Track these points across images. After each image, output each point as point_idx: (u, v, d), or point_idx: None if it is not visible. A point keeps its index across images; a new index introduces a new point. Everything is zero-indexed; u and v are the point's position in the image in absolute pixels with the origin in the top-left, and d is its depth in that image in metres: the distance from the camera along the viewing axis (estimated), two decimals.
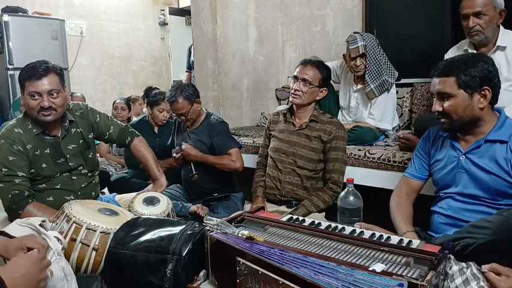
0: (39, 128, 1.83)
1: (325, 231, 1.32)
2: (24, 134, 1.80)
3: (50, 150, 1.86)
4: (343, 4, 3.16)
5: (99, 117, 2.06)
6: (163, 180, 2.11)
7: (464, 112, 1.42)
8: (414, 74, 2.80)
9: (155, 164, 2.12)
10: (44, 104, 1.74)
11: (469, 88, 1.40)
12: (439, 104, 1.44)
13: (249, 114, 3.88)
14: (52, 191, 1.88)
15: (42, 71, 1.76)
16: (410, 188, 1.66)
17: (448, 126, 1.47)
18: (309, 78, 2.03)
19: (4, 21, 4.33)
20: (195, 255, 1.36)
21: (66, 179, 1.92)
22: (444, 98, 1.43)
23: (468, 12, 1.95)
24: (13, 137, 1.77)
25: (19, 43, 4.42)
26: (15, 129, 1.81)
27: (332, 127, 2.04)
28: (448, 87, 1.41)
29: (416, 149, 1.69)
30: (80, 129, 1.97)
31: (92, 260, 1.49)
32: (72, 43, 5.20)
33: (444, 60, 1.52)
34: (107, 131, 2.08)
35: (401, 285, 0.94)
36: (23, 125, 1.83)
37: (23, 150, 1.77)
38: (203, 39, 3.95)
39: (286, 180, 2.07)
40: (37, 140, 1.83)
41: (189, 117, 2.31)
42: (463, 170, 1.49)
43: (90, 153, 2.02)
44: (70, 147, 1.92)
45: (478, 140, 1.47)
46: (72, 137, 1.94)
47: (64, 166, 1.90)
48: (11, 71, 4.38)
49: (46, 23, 4.67)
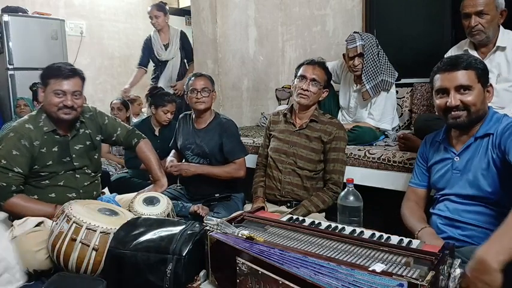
0: (50, 126, 1.89)
1: (325, 231, 1.32)
2: (34, 130, 1.87)
3: (58, 148, 1.91)
4: (343, 4, 3.16)
5: (108, 119, 2.14)
6: (165, 181, 2.17)
7: (480, 105, 1.43)
8: (414, 74, 2.80)
9: (158, 165, 2.19)
10: (67, 103, 1.84)
11: (484, 83, 1.43)
12: (457, 97, 1.43)
13: (249, 114, 3.88)
14: (55, 188, 1.92)
15: (70, 72, 1.87)
16: (417, 197, 1.67)
17: (464, 120, 1.44)
18: (318, 78, 2.04)
19: (4, 21, 4.33)
20: (195, 255, 1.36)
21: (70, 177, 1.96)
22: (463, 90, 1.42)
23: (470, 11, 1.95)
24: (22, 132, 1.84)
25: (19, 43, 4.42)
26: (26, 125, 1.87)
27: (332, 128, 2.04)
28: (470, 80, 1.41)
29: (416, 157, 1.71)
30: (88, 130, 2.03)
31: (92, 260, 1.49)
32: (72, 43, 5.20)
33: (445, 58, 1.51)
34: (114, 132, 2.16)
35: (401, 285, 0.94)
36: (34, 121, 1.89)
37: (28, 147, 1.83)
38: (203, 39, 3.96)
39: (287, 181, 2.07)
40: (46, 137, 1.89)
41: (206, 100, 2.30)
42: (457, 171, 1.50)
43: (95, 154, 2.08)
44: (77, 147, 1.98)
45: (469, 139, 1.48)
46: (81, 138, 2.00)
47: (69, 165, 1.95)
48: (11, 71, 4.39)
49: (46, 23, 4.67)
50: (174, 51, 3.85)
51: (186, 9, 5.84)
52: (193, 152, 2.38)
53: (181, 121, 2.51)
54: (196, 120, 2.40)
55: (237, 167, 2.30)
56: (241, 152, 2.34)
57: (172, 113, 2.93)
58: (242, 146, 2.41)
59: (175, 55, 3.86)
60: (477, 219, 1.45)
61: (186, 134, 2.44)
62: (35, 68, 4.51)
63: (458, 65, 1.42)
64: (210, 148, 2.33)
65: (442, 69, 1.46)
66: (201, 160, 2.38)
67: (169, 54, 3.84)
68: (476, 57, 1.49)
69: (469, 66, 1.42)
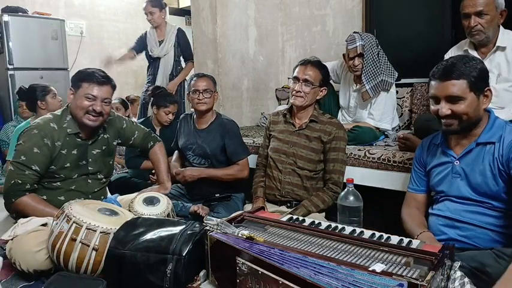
0: (74, 128, 1.91)
1: (325, 231, 1.32)
2: (57, 130, 1.88)
3: (77, 152, 1.93)
4: (343, 4, 3.16)
5: (126, 123, 2.17)
6: (169, 185, 2.23)
7: (473, 113, 1.41)
8: (414, 74, 2.80)
9: (166, 169, 2.25)
10: (96, 108, 1.86)
11: (477, 90, 1.40)
12: (446, 107, 1.41)
13: (249, 114, 3.88)
14: (65, 191, 1.92)
15: (104, 79, 1.90)
16: (416, 202, 1.66)
17: (456, 127, 1.44)
18: (311, 78, 2.03)
19: (4, 21, 4.33)
20: (195, 255, 1.36)
21: (82, 182, 1.98)
22: (454, 100, 1.40)
23: (470, 12, 1.94)
24: (46, 130, 1.85)
25: (19, 43, 4.42)
26: (50, 124, 1.88)
27: (332, 127, 2.04)
28: (460, 90, 1.38)
29: (413, 163, 1.70)
30: (107, 135, 2.05)
31: (92, 260, 1.49)
32: (72, 43, 5.20)
33: (443, 63, 1.47)
34: (132, 136, 2.19)
35: (401, 285, 0.94)
36: (59, 121, 1.90)
37: (50, 146, 1.83)
38: (203, 39, 3.95)
39: (286, 181, 2.07)
40: (68, 139, 1.90)
41: (208, 100, 2.30)
42: (457, 175, 1.50)
43: (110, 160, 2.11)
44: (94, 152, 2.00)
45: (470, 144, 1.47)
46: (99, 143, 2.02)
47: (83, 169, 1.97)
48: (11, 71, 4.38)
49: (46, 23, 4.67)
50: (167, 48, 3.69)
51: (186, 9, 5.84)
52: (194, 153, 2.38)
53: (183, 121, 2.51)
54: (198, 121, 2.41)
55: (241, 168, 2.31)
56: (243, 152, 2.35)
57: (174, 114, 2.93)
58: (244, 146, 2.41)
59: (168, 52, 3.70)
60: (478, 219, 1.45)
61: (187, 134, 2.44)
62: (35, 68, 4.53)
63: (450, 74, 1.39)
64: (211, 149, 2.33)
65: (435, 77, 1.44)
66: (202, 160, 2.38)
67: (161, 51, 3.68)
68: (476, 59, 1.45)
69: (461, 76, 1.38)
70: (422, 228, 1.52)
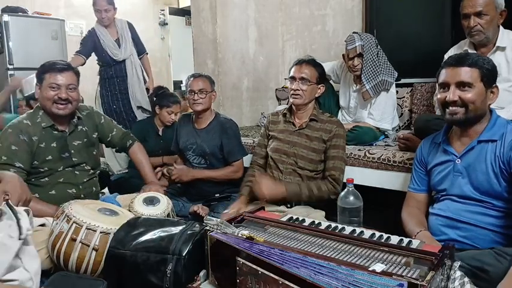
0: (48, 121, 1.93)
1: (325, 231, 1.32)
2: (31, 126, 1.90)
3: (57, 144, 1.94)
4: (343, 4, 3.16)
5: (104, 119, 2.19)
6: (157, 183, 2.25)
7: (480, 104, 1.42)
8: (414, 74, 2.80)
9: (150, 168, 2.28)
10: (61, 95, 1.88)
11: (487, 83, 1.42)
12: (455, 93, 1.43)
13: (249, 114, 3.88)
14: (55, 185, 1.93)
15: (65, 66, 1.94)
16: (417, 202, 1.66)
17: (461, 116, 1.44)
18: (307, 76, 2.04)
19: (4, 21, 4.33)
20: (195, 255, 1.36)
21: (69, 173, 1.98)
22: (463, 87, 1.42)
23: (469, 12, 1.95)
24: (20, 127, 1.87)
25: (19, 43, 4.43)
26: (24, 121, 1.91)
27: (332, 125, 2.04)
28: (472, 78, 1.41)
29: (414, 162, 1.70)
30: (85, 127, 2.07)
31: (92, 260, 1.49)
32: (72, 43, 5.17)
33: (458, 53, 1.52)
34: (110, 133, 2.20)
35: (401, 285, 0.94)
36: (32, 118, 1.93)
37: (28, 141, 1.85)
38: (203, 39, 3.96)
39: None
40: (44, 133, 1.91)
41: (203, 101, 2.31)
42: (458, 173, 1.49)
43: (94, 150, 2.12)
44: (75, 143, 2.01)
45: (472, 141, 1.47)
46: (78, 134, 2.04)
47: (68, 161, 1.98)
48: (11, 71, 4.39)
49: (46, 23, 4.67)
50: (129, 48, 3.42)
51: (186, 9, 5.85)
52: (194, 152, 2.39)
53: (182, 121, 2.51)
54: (197, 120, 2.41)
55: (235, 169, 2.35)
56: (239, 153, 2.37)
57: (176, 114, 2.93)
58: (241, 146, 2.41)
59: (132, 52, 3.44)
60: (478, 219, 1.45)
61: (186, 134, 2.44)
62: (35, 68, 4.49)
63: (464, 61, 1.42)
64: (210, 148, 2.33)
65: (448, 64, 1.46)
66: (202, 160, 2.39)
67: (125, 53, 3.39)
68: (489, 59, 1.47)
69: (475, 64, 1.41)
70: (421, 227, 1.52)
